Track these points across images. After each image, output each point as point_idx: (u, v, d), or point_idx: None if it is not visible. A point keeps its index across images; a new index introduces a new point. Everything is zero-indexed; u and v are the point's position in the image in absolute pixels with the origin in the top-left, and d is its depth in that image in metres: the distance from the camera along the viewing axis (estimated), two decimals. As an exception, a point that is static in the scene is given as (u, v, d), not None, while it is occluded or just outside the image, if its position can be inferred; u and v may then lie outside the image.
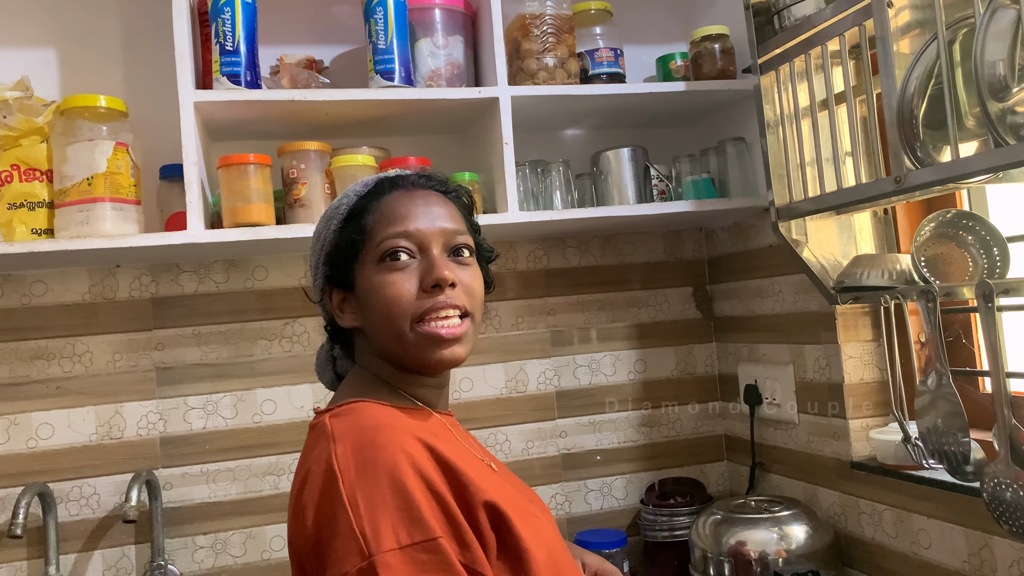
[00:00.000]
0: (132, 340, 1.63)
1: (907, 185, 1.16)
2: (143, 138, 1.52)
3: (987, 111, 1.00)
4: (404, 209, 0.94)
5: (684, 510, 1.73)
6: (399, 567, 0.76)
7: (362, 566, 0.76)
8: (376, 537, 0.77)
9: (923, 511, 1.37)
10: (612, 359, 1.90)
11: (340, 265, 0.96)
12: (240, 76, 1.46)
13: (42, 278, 1.59)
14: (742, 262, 1.84)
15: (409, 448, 0.83)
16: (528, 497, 1.00)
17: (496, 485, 0.89)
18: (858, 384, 1.53)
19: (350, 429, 0.87)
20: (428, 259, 0.93)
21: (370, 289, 0.93)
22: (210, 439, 1.65)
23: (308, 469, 0.87)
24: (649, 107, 1.76)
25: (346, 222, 0.96)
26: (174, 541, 1.61)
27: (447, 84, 1.59)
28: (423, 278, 0.92)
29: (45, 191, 1.42)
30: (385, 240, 0.93)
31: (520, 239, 1.86)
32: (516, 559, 0.85)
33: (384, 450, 0.82)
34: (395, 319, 0.91)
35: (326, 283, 0.98)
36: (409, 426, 0.88)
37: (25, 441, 1.56)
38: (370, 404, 0.92)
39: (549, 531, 0.95)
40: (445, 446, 0.87)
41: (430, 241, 0.94)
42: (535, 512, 0.94)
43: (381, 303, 0.92)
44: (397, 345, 0.93)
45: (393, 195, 0.96)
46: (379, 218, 0.94)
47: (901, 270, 1.36)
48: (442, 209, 0.97)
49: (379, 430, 0.86)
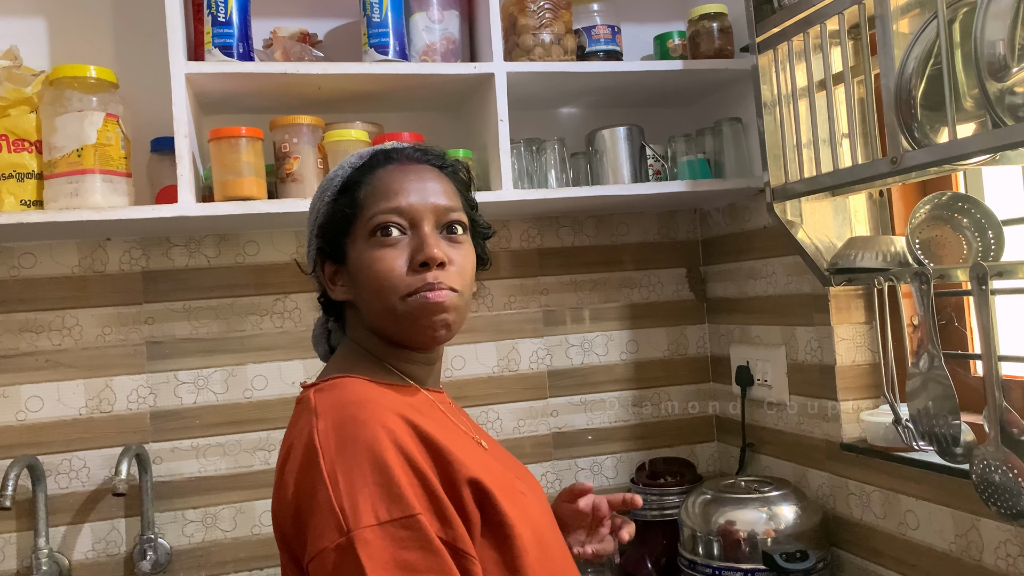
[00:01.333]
0: (122, 314, 1.62)
1: (903, 166, 1.15)
2: (134, 110, 1.50)
3: (986, 91, 0.99)
4: (397, 184, 0.93)
5: (674, 490, 1.74)
6: (377, 543, 0.76)
7: (340, 542, 0.76)
8: (355, 513, 0.77)
9: (911, 492, 1.38)
10: (604, 339, 1.90)
11: (332, 238, 0.95)
12: (232, 48, 1.44)
13: (31, 250, 1.58)
14: (736, 243, 1.83)
15: (390, 424, 0.83)
16: (516, 474, 0.99)
17: (482, 462, 0.89)
18: (850, 366, 1.53)
19: (332, 404, 0.86)
20: (419, 236, 0.92)
21: (360, 263, 0.92)
22: (200, 414, 1.64)
23: (291, 443, 0.87)
24: (646, 86, 1.74)
25: (339, 194, 0.95)
26: (164, 515, 1.61)
27: (442, 59, 1.57)
28: (413, 255, 0.91)
29: (34, 162, 1.41)
30: (376, 215, 0.92)
31: (514, 218, 1.85)
32: (501, 536, 0.84)
33: (365, 426, 0.82)
34: (384, 294, 0.91)
35: (319, 255, 0.98)
36: (393, 402, 0.88)
37: (14, 414, 1.56)
38: (355, 380, 0.91)
39: (536, 509, 0.94)
40: (429, 423, 0.87)
41: (422, 217, 0.92)
42: (522, 490, 0.94)
43: (370, 278, 0.91)
44: (388, 319, 0.92)
45: (387, 169, 0.95)
46: (372, 192, 0.93)
47: (895, 252, 1.35)
48: (436, 184, 0.95)
49: (361, 406, 0.85)
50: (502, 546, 0.84)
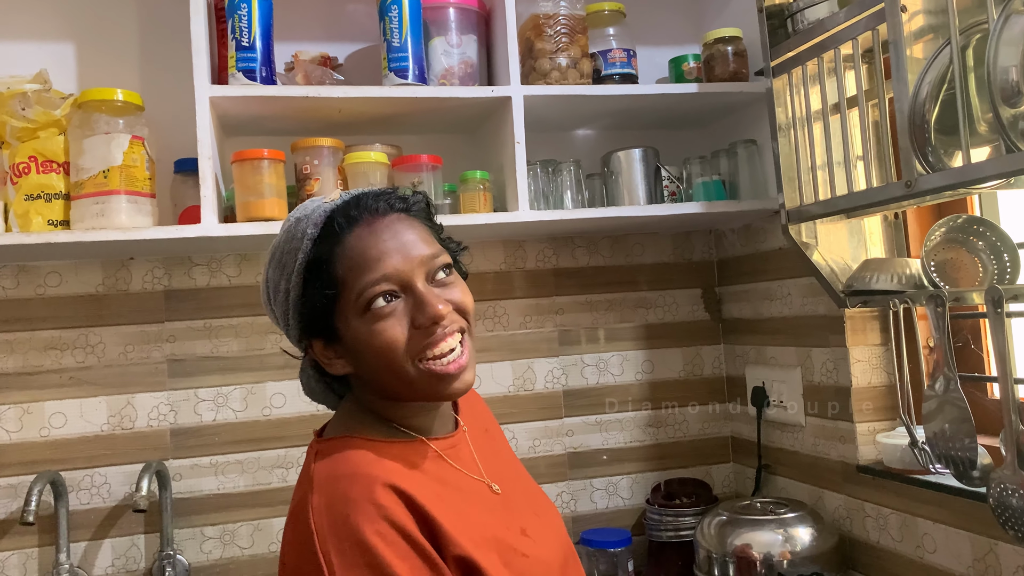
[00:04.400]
0: (144, 332, 1.64)
1: (917, 190, 1.16)
2: (158, 132, 1.54)
3: (999, 116, 1.00)
4: (374, 249, 0.88)
5: (689, 511, 1.74)
6: None
7: None
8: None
9: (928, 515, 1.37)
10: (620, 359, 1.91)
11: (317, 320, 0.90)
12: (255, 72, 1.47)
13: (57, 269, 1.61)
14: (751, 264, 1.84)
15: (381, 500, 0.82)
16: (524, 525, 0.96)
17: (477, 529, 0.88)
18: (865, 388, 1.53)
19: (327, 478, 0.86)
20: (415, 296, 0.88)
21: (358, 341, 0.88)
22: (219, 431, 1.66)
23: (292, 509, 0.87)
24: (661, 108, 1.76)
25: (309, 273, 0.89)
26: (183, 531, 1.63)
27: (460, 83, 1.60)
28: (415, 317, 0.88)
29: (62, 183, 1.44)
30: (365, 290, 0.87)
31: (529, 238, 1.87)
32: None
33: (355, 504, 0.82)
34: (394, 363, 0.88)
35: (303, 335, 0.93)
36: (388, 472, 0.86)
37: (38, 430, 1.58)
38: (356, 442, 0.90)
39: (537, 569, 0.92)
40: (426, 490, 0.86)
41: (412, 277, 0.88)
42: (525, 550, 0.91)
43: (375, 353, 0.88)
44: (401, 385, 0.90)
45: (355, 234, 0.89)
46: (350, 266, 0.87)
47: (910, 274, 1.36)
48: (411, 235, 0.91)
49: (353, 481, 0.84)
50: None
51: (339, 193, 0.94)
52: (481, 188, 1.59)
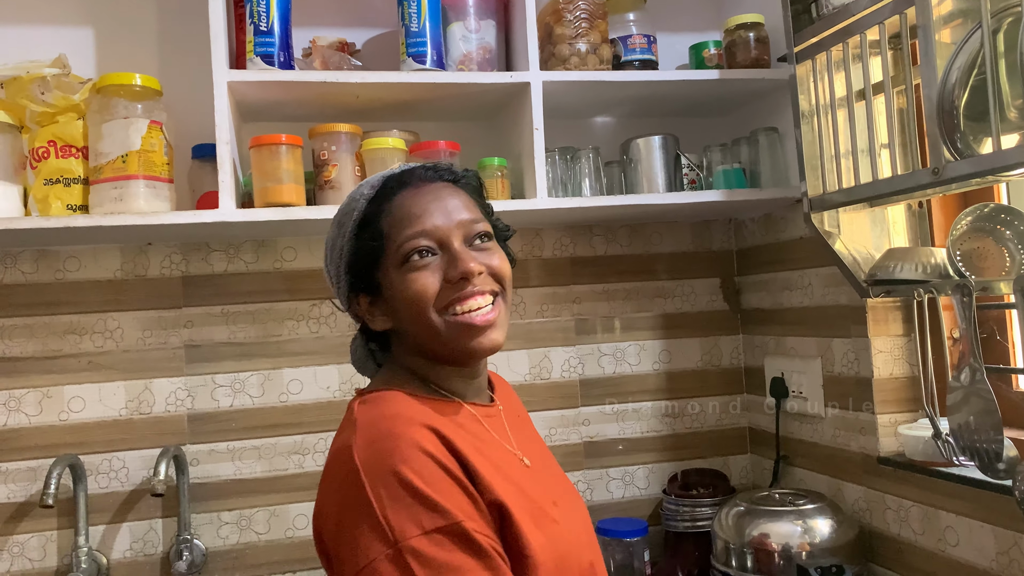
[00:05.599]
0: (162, 317, 1.65)
1: (945, 177, 1.14)
2: (176, 117, 1.53)
3: (1032, 102, 0.98)
4: (418, 207, 0.93)
5: (706, 501, 1.73)
6: (426, 550, 0.77)
7: (389, 553, 0.77)
8: (400, 525, 0.78)
9: (951, 508, 1.35)
10: (637, 349, 1.90)
11: (363, 273, 0.96)
12: (273, 57, 1.47)
13: (75, 254, 1.62)
14: (771, 254, 1.82)
15: (419, 437, 0.84)
16: (556, 496, 0.97)
17: (512, 485, 0.89)
18: (887, 379, 1.51)
19: (370, 420, 0.88)
20: (450, 253, 0.92)
21: (395, 291, 0.93)
22: (236, 417, 1.67)
23: (332, 454, 0.89)
24: (681, 95, 1.74)
25: (360, 229, 0.95)
26: (200, 516, 1.64)
27: (478, 68, 1.59)
28: (447, 272, 0.92)
29: (80, 168, 1.44)
30: (405, 242, 0.92)
31: (547, 226, 1.86)
32: (516, 564, 0.84)
33: (399, 440, 0.84)
34: (423, 312, 0.91)
35: (351, 291, 0.98)
36: (428, 417, 0.89)
37: (57, 414, 1.59)
38: (397, 393, 0.92)
39: (568, 538, 0.93)
40: (464, 439, 0.88)
41: (449, 236, 0.93)
42: (555, 517, 0.92)
43: (407, 300, 0.92)
44: (431, 338, 0.93)
45: (403, 194, 0.95)
46: (394, 221, 0.93)
47: (935, 264, 1.34)
48: (455, 200, 0.95)
49: (395, 420, 0.87)
50: (516, 573, 0.84)
51: (400, 164, 1.02)
52: (499, 175, 1.58)
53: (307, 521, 1.68)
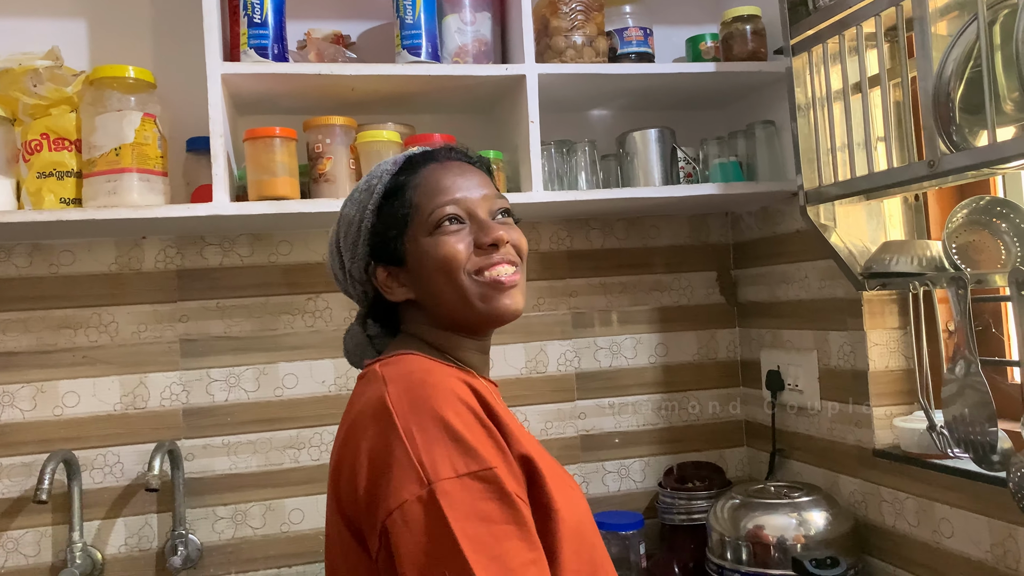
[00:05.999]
0: (157, 311, 1.64)
1: (941, 169, 1.14)
2: (170, 110, 1.53)
3: (1028, 93, 0.98)
4: (447, 180, 0.97)
5: (702, 494, 1.73)
6: (457, 494, 0.78)
7: (421, 494, 0.78)
8: (434, 466, 0.79)
9: (946, 500, 1.36)
10: (633, 342, 1.90)
11: (388, 241, 0.97)
12: (267, 49, 1.46)
13: (70, 248, 1.61)
14: (768, 247, 1.82)
15: (458, 389, 0.86)
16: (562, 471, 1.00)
17: (534, 446, 0.91)
18: (883, 372, 1.52)
19: (401, 373, 0.90)
20: (478, 223, 0.96)
21: (424, 255, 0.95)
22: (232, 411, 1.66)
23: (359, 410, 0.89)
24: (678, 88, 1.74)
25: (385, 200, 0.98)
26: (195, 511, 1.63)
27: (474, 61, 1.58)
28: (477, 238, 0.95)
29: (74, 161, 1.43)
30: (436, 209, 0.95)
31: (543, 220, 1.85)
32: (544, 516, 0.86)
33: (436, 388, 0.86)
34: (453, 273, 0.94)
35: (369, 261, 0.99)
36: (457, 373, 0.92)
37: (51, 409, 1.58)
38: (418, 356, 0.95)
39: (582, 504, 0.96)
40: (490, 399, 0.90)
41: (476, 207, 0.97)
42: (571, 483, 0.96)
43: (438, 261, 0.94)
44: (457, 298, 0.94)
45: (430, 168, 0.99)
46: (424, 191, 0.96)
47: (931, 257, 1.33)
48: (477, 178, 0.99)
49: (429, 371, 0.89)
50: (543, 527, 0.85)
51: (417, 148, 1.06)
52: (495, 168, 1.57)
53: (303, 516, 1.67)
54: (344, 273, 1.02)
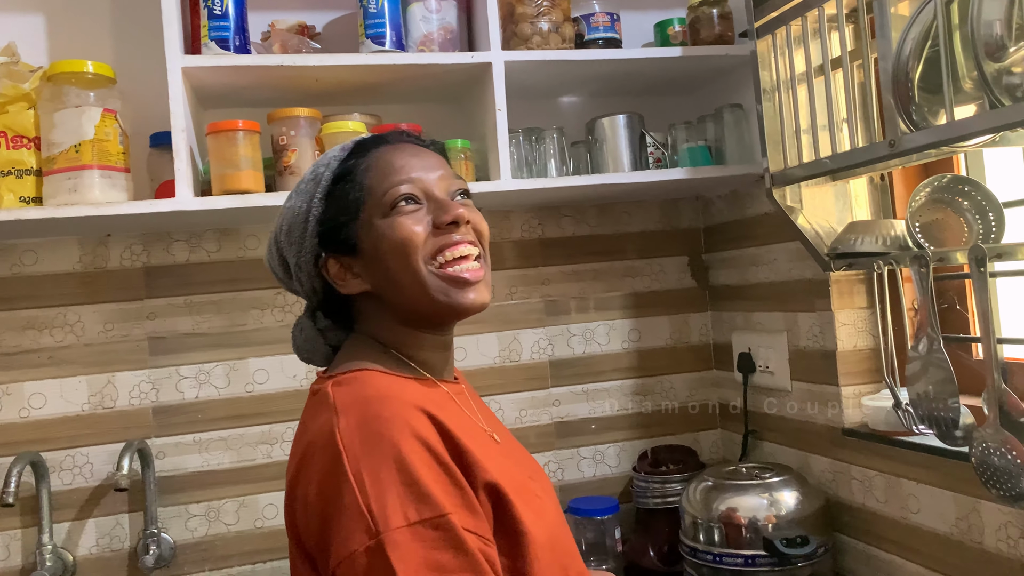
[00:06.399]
0: (124, 310, 1.62)
1: (901, 148, 1.15)
2: (134, 105, 1.51)
3: (982, 71, 0.99)
4: (401, 160, 0.93)
5: (676, 477, 1.74)
6: (408, 545, 0.74)
7: (370, 544, 0.74)
8: (384, 515, 0.75)
9: (913, 476, 1.38)
10: (607, 328, 1.90)
11: (339, 229, 0.92)
12: (229, 41, 1.44)
13: (33, 247, 1.58)
14: (738, 230, 1.83)
15: (414, 421, 0.81)
16: (529, 473, 0.97)
17: (497, 463, 0.87)
18: (851, 351, 1.53)
19: (354, 401, 0.84)
20: (436, 202, 0.92)
21: (380, 239, 0.90)
22: (203, 408, 1.65)
23: (310, 441, 0.84)
24: (646, 74, 1.74)
25: (334, 185, 0.93)
26: (168, 509, 1.62)
27: (440, 49, 1.57)
28: (436, 217, 0.91)
29: (33, 158, 1.41)
30: (391, 189, 0.91)
31: (515, 208, 1.85)
32: (514, 541, 0.83)
33: (389, 423, 0.80)
34: (411, 260, 0.89)
35: (319, 253, 0.94)
36: (414, 396, 0.86)
37: (17, 411, 1.56)
38: (374, 373, 0.89)
39: (550, 511, 0.93)
40: (449, 420, 0.85)
41: (433, 187, 0.93)
42: (536, 491, 0.92)
43: (394, 246, 0.90)
44: (417, 291, 0.90)
45: (381, 149, 0.95)
46: (377, 172, 0.92)
47: (895, 236, 1.35)
48: (433, 159, 0.96)
49: (384, 402, 0.83)
50: (513, 551, 0.83)
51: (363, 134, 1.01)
52: (462, 157, 1.57)
53: (277, 511, 1.66)
54: (286, 270, 0.97)
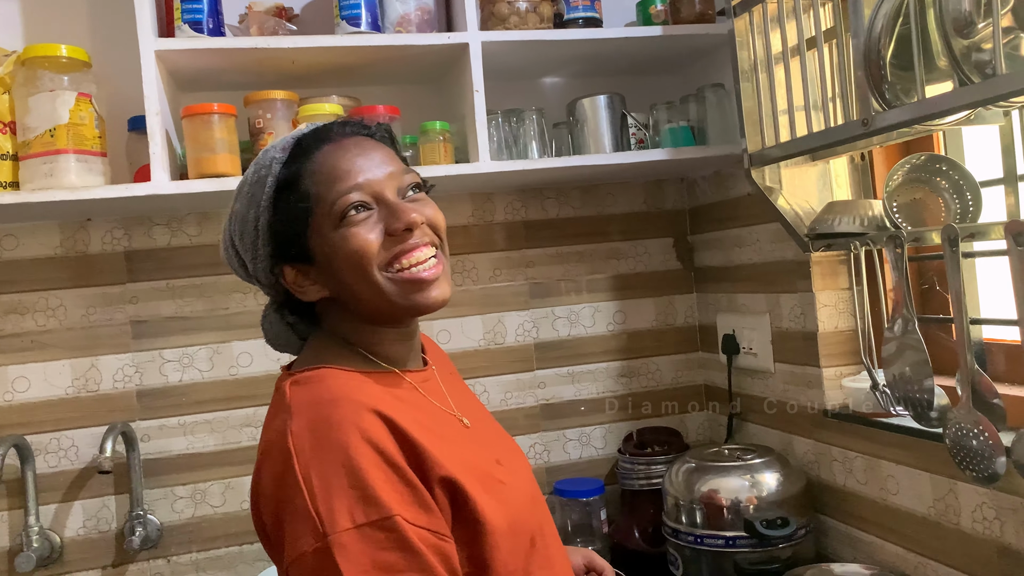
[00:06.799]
0: (106, 294, 1.62)
1: (874, 127, 1.13)
2: (111, 89, 1.50)
3: (951, 48, 0.97)
4: (345, 163, 0.89)
5: (660, 459, 1.74)
6: (355, 546, 0.75)
7: (318, 546, 0.76)
8: (331, 517, 0.76)
9: (892, 458, 1.37)
10: (591, 311, 1.90)
11: (292, 239, 0.90)
12: (202, 23, 1.43)
13: (13, 232, 1.59)
14: (721, 211, 1.82)
15: (364, 424, 0.82)
16: (497, 456, 0.96)
17: (459, 453, 0.87)
18: (832, 332, 1.52)
19: (307, 403, 0.85)
20: (387, 206, 0.89)
21: (333, 250, 0.88)
22: (187, 391, 1.66)
23: (268, 440, 0.86)
24: (628, 54, 1.72)
25: (280, 193, 0.89)
26: (154, 492, 1.63)
27: (417, 30, 1.55)
28: (388, 224, 0.88)
29: (9, 143, 1.41)
30: (339, 199, 0.87)
31: (498, 190, 1.84)
32: (473, 532, 0.84)
33: (339, 428, 0.81)
34: (366, 270, 0.88)
35: (274, 262, 0.92)
36: (370, 397, 0.86)
37: (1, 395, 1.57)
38: (333, 372, 0.89)
39: (516, 494, 0.93)
40: (406, 416, 0.85)
41: (383, 189, 0.90)
42: (501, 476, 0.92)
43: (348, 258, 0.88)
44: (376, 297, 0.89)
45: (323, 151, 0.90)
46: (322, 179, 0.89)
47: (873, 216, 1.34)
48: (379, 154, 0.92)
49: (335, 405, 0.84)
50: (473, 542, 0.84)
51: (305, 125, 0.96)
52: (441, 139, 1.56)
53: (259, 492, 1.67)
54: (246, 270, 0.95)
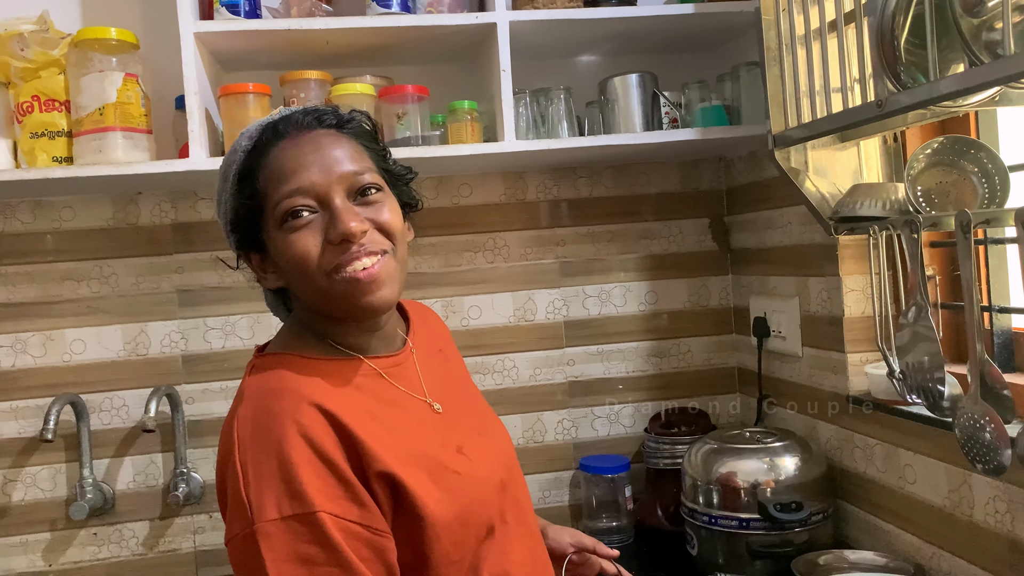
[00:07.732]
0: (153, 264, 1.72)
1: (888, 109, 1.11)
2: (160, 69, 1.58)
3: (959, 27, 0.94)
4: (293, 162, 0.88)
5: (685, 439, 1.75)
6: (278, 536, 0.79)
7: (246, 532, 0.80)
8: (260, 506, 0.80)
9: (909, 446, 1.35)
10: (623, 290, 1.90)
11: (247, 231, 0.92)
12: (239, 6, 1.49)
13: (70, 204, 1.70)
14: (755, 192, 1.79)
15: (303, 418, 0.84)
16: (462, 443, 0.96)
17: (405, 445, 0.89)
18: (858, 318, 1.49)
19: (256, 391, 0.89)
20: (331, 211, 0.88)
21: (278, 252, 0.90)
22: (228, 358, 1.75)
23: (226, 422, 0.90)
24: (661, 32, 1.70)
25: (240, 184, 0.91)
26: (197, 451, 1.73)
27: (448, 10, 1.58)
28: (328, 233, 0.87)
29: (64, 121, 1.50)
30: (281, 201, 0.88)
31: (528, 169, 1.86)
32: (412, 525, 0.86)
33: (278, 419, 0.84)
34: (308, 276, 0.89)
35: (239, 248, 0.95)
36: (315, 390, 0.87)
37: (60, 355, 1.69)
38: (290, 358, 0.91)
39: (473, 486, 0.93)
40: (355, 408, 0.88)
41: (329, 191, 0.88)
42: (458, 467, 0.92)
43: (291, 263, 0.89)
44: (320, 299, 0.91)
45: (278, 147, 0.90)
46: (270, 177, 0.89)
47: (897, 200, 1.30)
48: (336, 151, 0.90)
49: (278, 396, 0.86)
50: (413, 534, 0.86)
51: (280, 109, 0.96)
52: (469, 118, 1.59)
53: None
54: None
